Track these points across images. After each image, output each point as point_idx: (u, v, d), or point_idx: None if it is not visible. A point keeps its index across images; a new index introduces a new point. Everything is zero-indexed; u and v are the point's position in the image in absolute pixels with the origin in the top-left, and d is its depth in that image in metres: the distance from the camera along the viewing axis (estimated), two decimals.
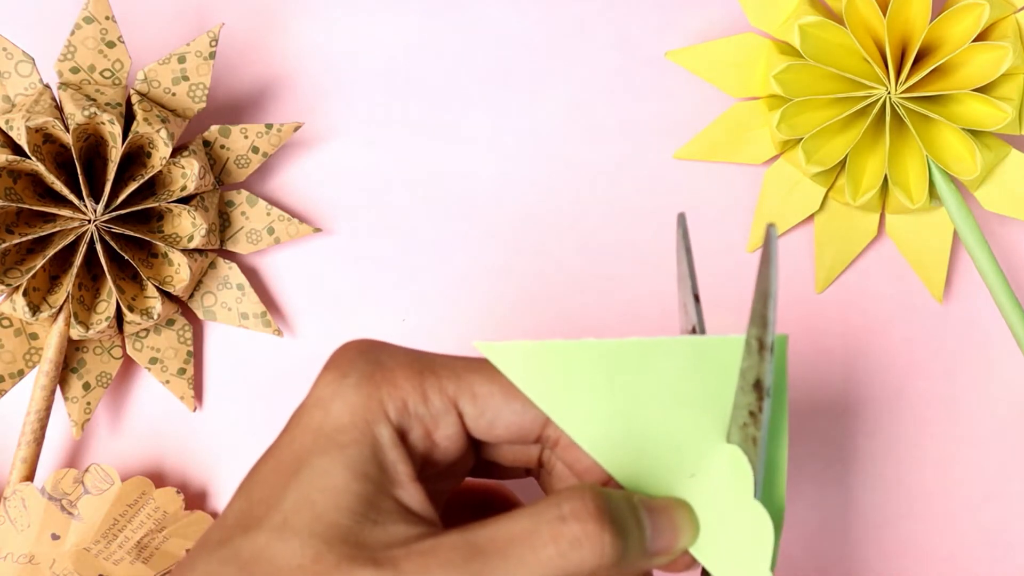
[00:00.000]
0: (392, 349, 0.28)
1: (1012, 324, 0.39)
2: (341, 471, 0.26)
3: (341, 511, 0.25)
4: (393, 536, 0.26)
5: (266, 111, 0.42)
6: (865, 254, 0.42)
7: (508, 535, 0.25)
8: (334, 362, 0.27)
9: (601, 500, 0.26)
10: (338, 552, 0.25)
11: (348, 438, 0.26)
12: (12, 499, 0.38)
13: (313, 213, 0.42)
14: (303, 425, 0.27)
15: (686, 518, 0.28)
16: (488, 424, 0.28)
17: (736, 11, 0.42)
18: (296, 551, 0.25)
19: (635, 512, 0.27)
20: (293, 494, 0.26)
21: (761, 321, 0.27)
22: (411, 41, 0.42)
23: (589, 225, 0.42)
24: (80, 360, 0.40)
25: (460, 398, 0.27)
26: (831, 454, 0.42)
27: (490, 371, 0.28)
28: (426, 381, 0.27)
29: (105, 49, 0.38)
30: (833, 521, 0.41)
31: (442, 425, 0.27)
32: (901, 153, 0.40)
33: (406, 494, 0.26)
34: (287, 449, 0.27)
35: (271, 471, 0.27)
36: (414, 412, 0.27)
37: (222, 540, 0.26)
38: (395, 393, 0.27)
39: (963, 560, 0.41)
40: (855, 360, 0.42)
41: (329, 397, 0.27)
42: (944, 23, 0.38)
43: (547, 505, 0.26)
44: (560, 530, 0.25)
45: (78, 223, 0.38)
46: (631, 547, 0.26)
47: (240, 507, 0.27)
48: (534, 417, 0.28)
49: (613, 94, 0.42)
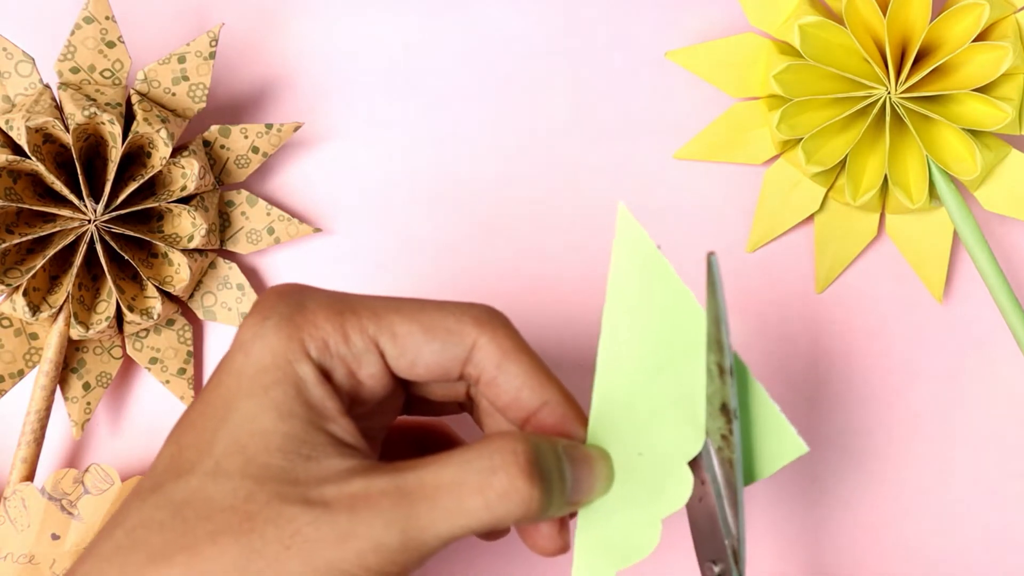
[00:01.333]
0: (314, 291, 0.28)
1: (1012, 324, 0.39)
2: (267, 412, 0.26)
3: (271, 452, 0.26)
4: (327, 469, 0.26)
5: (266, 111, 0.42)
6: (865, 254, 0.42)
7: (436, 482, 0.26)
8: (257, 306, 0.28)
9: (531, 453, 0.26)
10: (269, 491, 0.25)
11: (271, 379, 0.26)
12: (12, 499, 0.38)
13: (313, 213, 0.42)
14: (227, 369, 0.27)
15: (605, 469, 0.28)
16: (409, 363, 0.28)
17: (736, 11, 0.42)
18: (228, 492, 0.25)
19: (559, 463, 0.27)
20: (223, 438, 0.26)
21: (717, 346, 0.28)
22: (411, 41, 0.42)
23: (589, 225, 0.42)
24: (80, 360, 0.40)
25: (380, 338, 0.28)
26: (830, 454, 0.42)
27: (410, 311, 0.28)
28: (347, 321, 0.27)
29: (105, 49, 0.38)
30: (832, 521, 0.41)
31: (364, 364, 0.28)
32: (901, 153, 0.40)
33: (337, 427, 0.27)
34: (214, 394, 0.27)
35: (199, 416, 0.27)
36: (335, 352, 0.27)
37: (154, 486, 0.26)
38: (315, 333, 0.27)
39: (963, 560, 0.41)
40: (855, 360, 0.42)
41: (250, 340, 0.27)
42: (944, 23, 0.38)
43: (477, 454, 0.26)
44: (489, 481, 0.26)
45: (78, 223, 0.38)
46: (555, 499, 0.27)
47: (170, 453, 0.27)
48: (454, 356, 0.28)
49: (613, 94, 0.42)
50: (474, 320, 0.28)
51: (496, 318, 0.29)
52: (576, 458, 0.28)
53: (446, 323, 0.28)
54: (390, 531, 0.25)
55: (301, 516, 0.25)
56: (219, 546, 0.25)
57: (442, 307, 0.28)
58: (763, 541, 0.41)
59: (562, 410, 0.29)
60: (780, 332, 0.42)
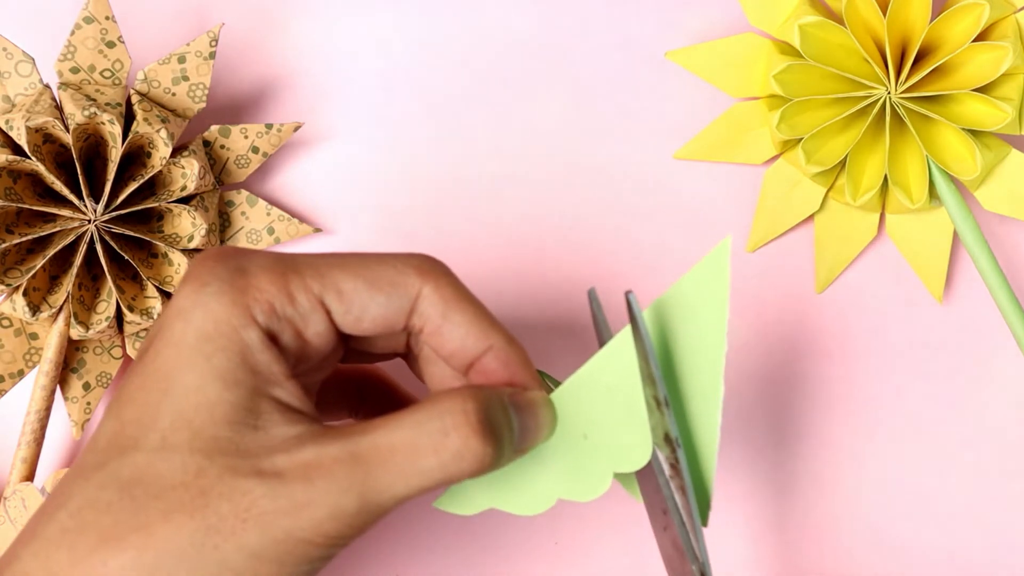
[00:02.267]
0: (252, 254, 0.28)
1: (1012, 324, 0.39)
2: (211, 383, 0.26)
3: (218, 423, 0.26)
4: (275, 438, 0.26)
5: (266, 111, 0.42)
6: (865, 254, 0.42)
7: (390, 444, 0.26)
8: (193, 272, 0.27)
9: (482, 411, 0.26)
10: (220, 464, 0.25)
11: (213, 347, 0.26)
12: (12, 499, 0.38)
13: (313, 213, 0.42)
14: (166, 339, 0.26)
15: (549, 413, 0.29)
16: (355, 319, 0.28)
17: (736, 11, 0.42)
18: (178, 468, 0.25)
19: (507, 414, 0.27)
20: (167, 412, 0.26)
21: (650, 380, 0.28)
22: (411, 41, 0.42)
23: (589, 225, 0.42)
24: (80, 360, 0.40)
25: (326, 295, 0.27)
26: (830, 454, 0.42)
27: (354, 266, 0.28)
28: (291, 282, 0.27)
29: (105, 49, 0.38)
30: (832, 521, 0.41)
31: (311, 323, 0.27)
32: (901, 153, 0.40)
33: (283, 392, 0.27)
34: (152, 366, 0.26)
35: (139, 390, 0.26)
36: (282, 313, 0.27)
37: (98, 464, 0.26)
38: (260, 297, 0.27)
39: (963, 560, 0.41)
40: (855, 360, 0.42)
41: (190, 307, 0.26)
42: (944, 23, 0.38)
43: (429, 415, 0.26)
44: (443, 442, 0.26)
45: (78, 223, 0.38)
46: (505, 451, 0.27)
47: (112, 428, 0.26)
48: (399, 308, 0.28)
49: (613, 94, 0.42)
50: (416, 270, 0.28)
51: (437, 267, 0.29)
52: (521, 405, 0.28)
53: (389, 276, 0.28)
54: (347, 497, 0.25)
55: (255, 488, 0.25)
56: (173, 524, 0.25)
57: (383, 259, 0.28)
58: (763, 542, 0.41)
59: (505, 354, 0.29)
60: (780, 332, 0.42)
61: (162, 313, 0.28)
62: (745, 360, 0.42)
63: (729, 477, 0.41)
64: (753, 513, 0.41)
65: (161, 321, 0.27)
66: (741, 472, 0.41)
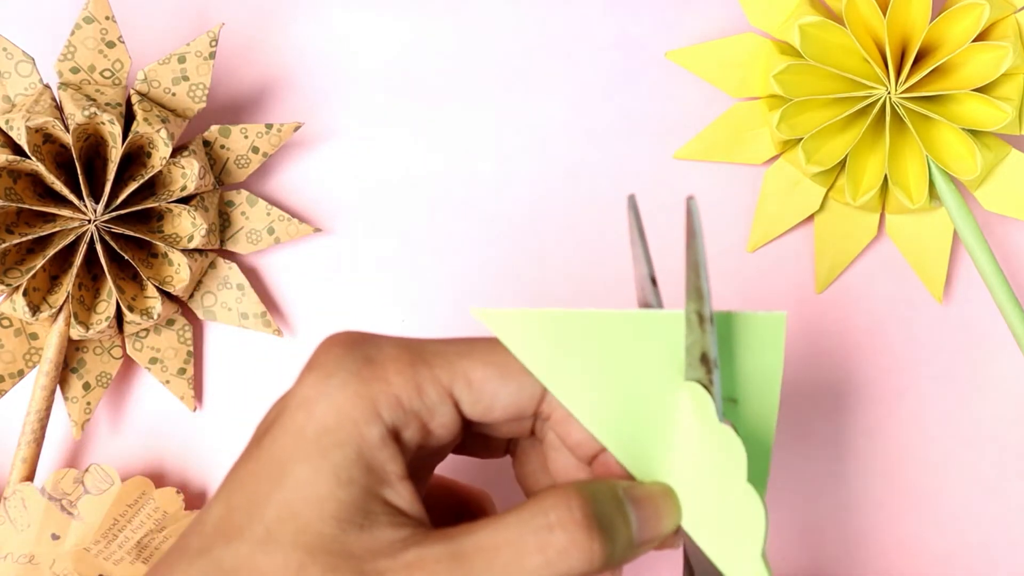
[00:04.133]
0: (380, 341, 0.27)
1: (1012, 324, 0.39)
2: (325, 478, 0.25)
3: (325, 520, 0.25)
4: (380, 541, 0.25)
5: (266, 111, 0.42)
6: (865, 254, 0.42)
7: (494, 543, 0.25)
8: (318, 360, 0.27)
9: (588, 506, 0.26)
10: (323, 563, 0.25)
11: (332, 441, 0.25)
12: (12, 499, 0.38)
13: (313, 213, 0.42)
14: (285, 427, 0.26)
15: (670, 504, 0.28)
16: (485, 408, 0.27)
17: (736, 11, 0.42)
18: (280, 564, 0.25)
19: (621, 507, 0.27)
20: (275, 503, 0.25)
21: (696, 294, 0.27)
22: (411, 41, 0.42)
23: (589, 225, 0.42)
24: (80, 360, 0.40)
25: (455, 386, 0.27)
26: (831, 454, 0.42)
27: (483, 353, 0.27)
28: (419, 373, 0.26)
29: (105, 49, 0.38)
30: (833, 520, 0.41)
31: (437, 415, 0.27)
32: (901, 153, 0.40)
33: (395, 494, 0.26)
34: (267, 453, 0.26)
35: (251, 476, 0.26)
36: (409, 407, 0.26)
37: (202, 548, 0.25)
38: (387, 390, 0.26)
39: (963, 560, 0.41)
40: (855, 360, 0.42)
41: (314, 398, 0.26)
42: (944, 23, 0.38)
43: (533, 512, 0.25)
44: (547, 539, 0.25)
45: (78, 223, 0.38)
46: (619, 546, 0.26)
47: (219, 513, 0.26)
48: (531, 395, 0.27)
49: (613, 94, 0.42)
50: None
51: None
52: (638, 498, 0.27)
53: (519, 363, 0.27)
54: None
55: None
56: None
57: None
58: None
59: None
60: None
61: (283, 399, 0.27)
62: None
63: None
64: None
65: (281, 407, 0.27)
66: None
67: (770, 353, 0.28)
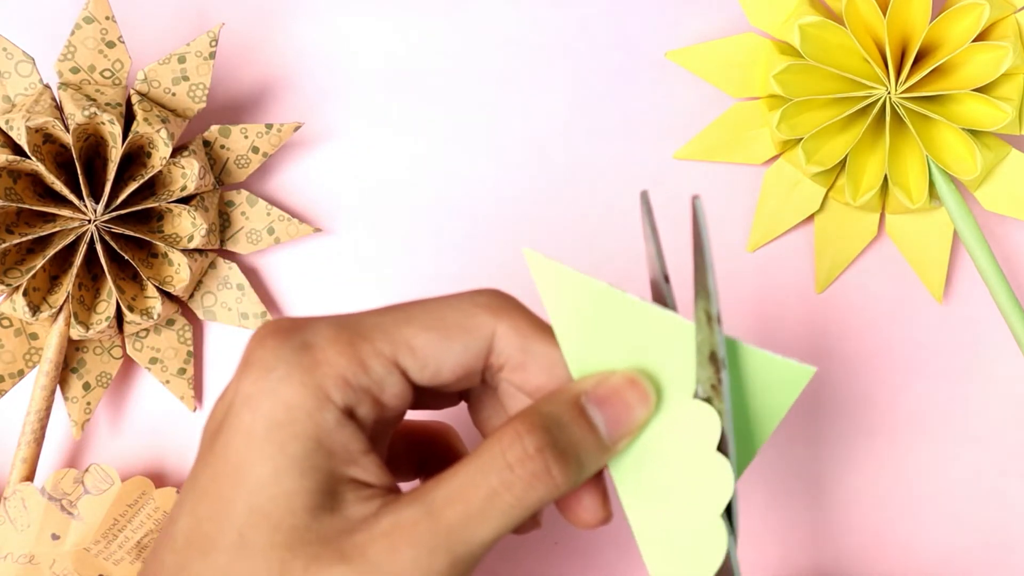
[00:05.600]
0: (314, 324, 0.27)
1: (1012, 324, 0.39)
2: (288, 473, 0.25)
3: (296, 514, 0.25)
4: (353, 518, 0.25)
5: (266, 111, 0.42)
6: (865, 254, 0.42)
7: (462, 492, 0.25)
8: (254, 355, 0.26)
9: (541, 436, 0.25)
10: (303, 555, 0.24)
11: (287, 435, 0.25)
12: (12, 499, 0.38)
13: (313, 213, 0.42)
14: (234, 429, 0.25)
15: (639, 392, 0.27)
16: (433, 373, 0.27)
17: (736, 11, 0.42)
18: (261, 567, 0.24)
19: (582, 416, 0.26)
20: (243, 507, 0.25)
21: (704, 293, 0.27)
22: (411, 41, 0.42)
23: (589, 225, 0.42)
24: (80, 360, 0.40)
25: (399, 356, 0.26)
26: (831, 454, 0.42)
27: (422, 318, 0.27)
28: (361, 350, 0.26)
29: (105, 49, 0.38)
30: (832, 521, 0.41)
31: (387, 387, 0.26)
32: (901, 153, 0.40)
33: (360, 470, 0.26)
34: (222, 458, 0.25)
35: (212, 483, 0.25)
36: (357, 385, 0.26)
37: (179, 565, 0.25)
38: (332, 373, 0.26)
39: (963, 560, 0.41)
40: (855, 360, 0.42)
41: (257, 395, 0.25)
42: (944, 23, 0.38)
43: (492, 454, 0.25)
44: (510, 479, 0.25)
45: (78, 223, 0.38)
46: (586, 458, 0.26)
47: (188, 525, 0.25)
48: (477, 352, 0.27)
49: (613, 94, 0.42)
50: (487, 309, 0.27)
51: (507, 301, 0.28)
52: (603, 397, 0.27)
53: (460, 321, 0.27)
54: (436, 557, 0.24)
55: (343, 573, 0.24)
56: None
57: (449, 304, 0.27)
58: (763, 542, 0.41)
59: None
60: (780, 332, 0.42)
61: (226, 396, 0.26)
62: None
63: None
64: (752, 513, 0.41)
65: (226, 407, 0.26)
66: None
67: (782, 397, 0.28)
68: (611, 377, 0.27)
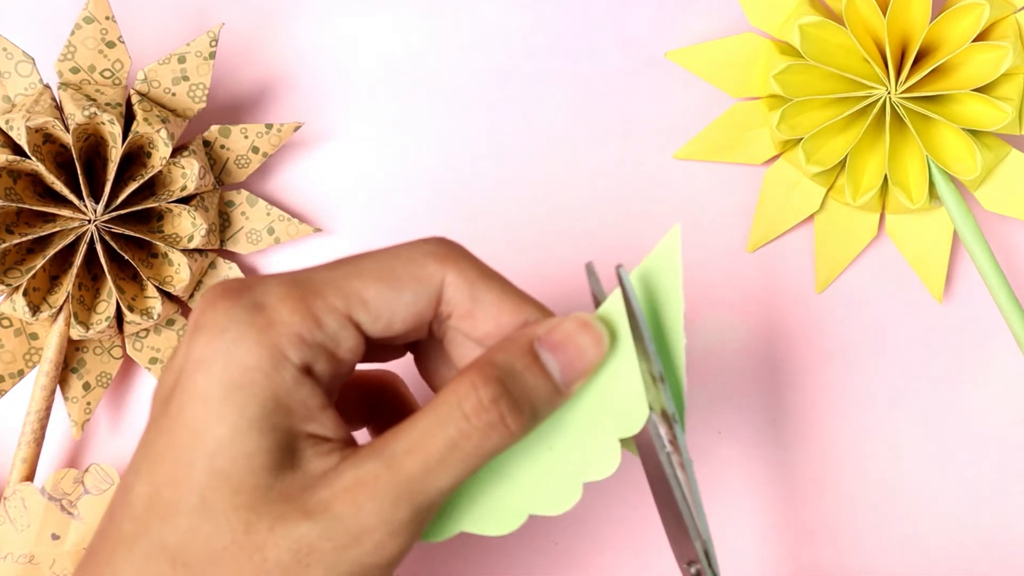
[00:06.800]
0: (265, 283, 0.26)
1: (1012, 324, 0.39)
2: (246, 434, 0.25)
3: (257, 473, 0.25)
4: (314, 474, 0.25)
5: (266, 111, 0.42)
6: (865, 254, 0.42)
7: (422, 443, 0.25)
8: (206, 317, 0.26)
9: (494, 387, 0.26)
10: (267, 514, 0.25)
11: (244, 396, 0.25)
12: (12, 499, 0.38)
13: (313, 213, 0.42)
14: (189, 392, 0.25)
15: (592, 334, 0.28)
16: (386, 324, 0.27)
17: (736, 11, 0.42)
18: (224, 528, 0.24)
19: (535, 363, 0.27)
20: (203, 470, 0.25)
21: (644, 355, 0.28)
22: (411, 41, 0.42)
23: (589, 225, 0.42)
24: (80, 360, 0.40)
25: (352, 309, 0.26)
26: (830, 454, 0.42)
27: (372, 269, 0.27)
28: (313, 306, 0.26)
29: (105, 49, 0.38)
30: (832, 520, 0.41)
31: (343, 341, 0.26)
32: (901, 153, 0.40)
33: (319, 426, 0.26)
34: (178, 423, 0.25)
35: (168, 449, 0.25)
36: (313, 341, 0.26)
37: (138, 532, 0.25)
38: (286, 331, 0.25)
39: (963, 560, 0.41)
40: (855, 360, 0.42)
41: (211, 357, 0.25)
42: (944, 23, 0.38)
43: (448, 406, 0.26)
44: (467, 429, 0.25)
45: (78, 223, 0.38)
46: (540, 405, 0.27)
47: (146, 492, 0.25)
48: (428, 300, 0.27)
49: (613, 94, 0.42)
50: (435, 257, 0.27)
51: (455, 249, 0.28)
52: (556, 342, 0.27)
53: (409, 270, 0.27)
54: (398, 508, 0.25)
55: (309, 530, 0.24)
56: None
57: (398, 254, 0.27)
58: (763, 542, 0.41)
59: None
60: (780, 332, 0.42)
61: (176, 361, 0.26)
62: (745, 360, 0.42)
63: (729, 476, 0.41)
64: (753, 512, 0.41)
65: (177, 372, 0.26)
66: (741, 471, 0.41)
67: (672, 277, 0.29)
68: (564, 322, 0.28)
